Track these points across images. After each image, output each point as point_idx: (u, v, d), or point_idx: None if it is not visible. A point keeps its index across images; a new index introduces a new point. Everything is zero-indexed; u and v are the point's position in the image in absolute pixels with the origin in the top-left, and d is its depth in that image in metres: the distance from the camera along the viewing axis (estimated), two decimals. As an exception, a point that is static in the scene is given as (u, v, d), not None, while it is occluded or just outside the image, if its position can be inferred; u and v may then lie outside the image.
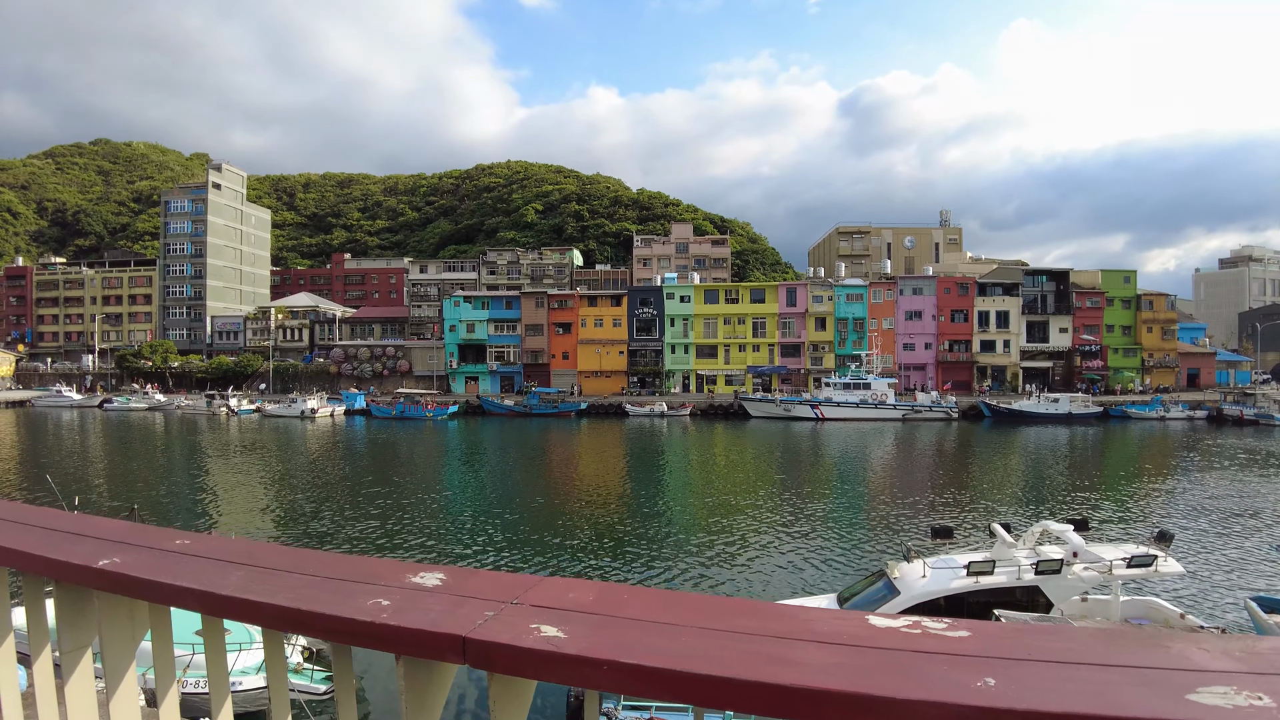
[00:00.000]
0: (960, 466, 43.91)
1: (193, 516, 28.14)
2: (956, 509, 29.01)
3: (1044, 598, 12.40)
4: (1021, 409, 72.03)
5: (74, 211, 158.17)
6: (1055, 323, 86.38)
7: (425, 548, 23.01)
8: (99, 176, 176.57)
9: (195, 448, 52.17)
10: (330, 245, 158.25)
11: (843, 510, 29.50)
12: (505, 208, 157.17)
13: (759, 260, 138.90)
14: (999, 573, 12.43)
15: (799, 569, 20.62)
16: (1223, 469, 41.07)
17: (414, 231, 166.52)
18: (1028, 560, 12.68)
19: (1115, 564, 12.38)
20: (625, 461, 46.46)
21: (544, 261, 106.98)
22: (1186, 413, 73.81)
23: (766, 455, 49.05)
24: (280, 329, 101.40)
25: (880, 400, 71.84)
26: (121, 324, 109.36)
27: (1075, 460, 47.76)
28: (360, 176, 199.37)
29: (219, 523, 26.90)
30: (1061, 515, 16.47)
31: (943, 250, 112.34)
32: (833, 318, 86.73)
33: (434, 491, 34.77)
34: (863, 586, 13.51)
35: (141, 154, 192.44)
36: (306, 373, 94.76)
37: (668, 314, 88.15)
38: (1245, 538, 24.24)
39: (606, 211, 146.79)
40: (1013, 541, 13.39)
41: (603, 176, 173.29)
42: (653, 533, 24.99)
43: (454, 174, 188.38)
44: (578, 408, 77.93)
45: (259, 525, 26.50)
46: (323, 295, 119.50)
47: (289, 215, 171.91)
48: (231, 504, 31.42)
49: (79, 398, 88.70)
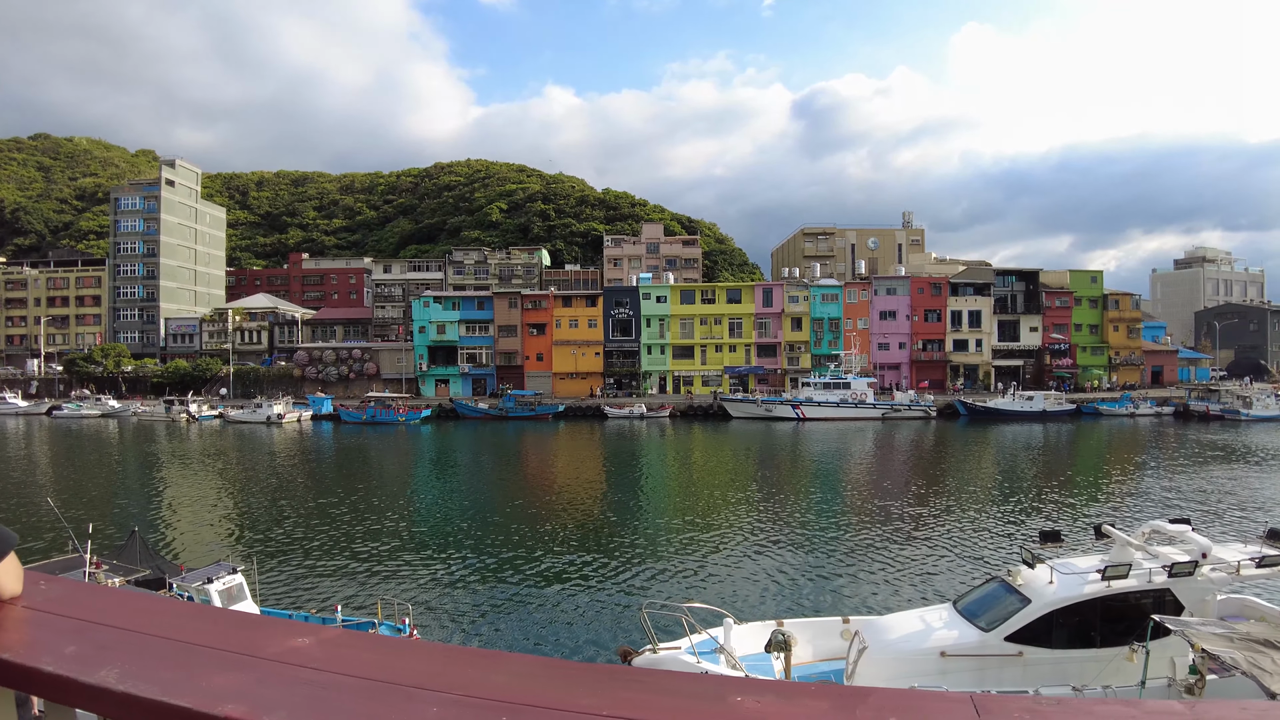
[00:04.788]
0: (964, 465, 43.66)
1: (158, 535, 26.22)
2: (992, 509, 28.46)
3: (1172, 600, 11.70)
4: (996, 407, 72.73)
5: (12, 209, 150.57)
6: (1026, 322, 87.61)
7: (425, 562, 21.54)
8: (39, 173, 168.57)
9: (154, 458, 49.39)
10: (286, 245, 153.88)
11: (879, 514, 28.70)
12: (468, 207, 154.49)
13: (727, 261, 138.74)
14: (1131, 576, 11.70)
15: (896, 581, 19.65)
16: (1214, 462, 41.48)
17: (373, 231, 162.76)
18: (1156, 563, 11.98)
19: (1243, 564, 11.72)
20: (615, 467, 45.23)
21: (513, 261, 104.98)
22: (1154, 409, 75.39)
23: (764, 458, 48.24)
24: (238, 331, 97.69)
25: (860, 400, 71.82)
26: (69, 326, 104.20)
27: (1072, 456, 48.05)
28: (315, 174, 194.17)
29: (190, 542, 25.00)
30: (1170, 515, 16.10)
31: (906, 251, 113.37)
32: (808, 318, 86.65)
33: (417, 502, 33.18)
34: (983, 595, 12.68)
35: (84, 150, 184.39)
36: (268, 376, 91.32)
37: (644, 314, 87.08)
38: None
39: (573, 211, 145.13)
40: (1139, 544, 12.67)
41: (566, 176, 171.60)
42: (694, 558, 23.83)
43: (412, 172, 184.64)
44: (555, 410, 76.37)
45: (244, 539, 24.64)
46: (280, 296, 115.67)
47: (242, 214, 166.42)
48: (202, 520, 29.40)
49: (25, 404, 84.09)
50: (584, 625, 16.62)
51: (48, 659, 1.16)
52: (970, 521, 26.50)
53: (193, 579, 14.81)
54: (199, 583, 14.45)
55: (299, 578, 20.36)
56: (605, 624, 16.66)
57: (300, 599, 18.44)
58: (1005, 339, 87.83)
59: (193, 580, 14.72)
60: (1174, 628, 10.41)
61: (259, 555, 21.27)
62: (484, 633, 16.28)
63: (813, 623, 13.78)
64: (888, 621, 12.75)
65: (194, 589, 14.29)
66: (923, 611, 13.20)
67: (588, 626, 16.54)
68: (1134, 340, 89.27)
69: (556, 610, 17.57)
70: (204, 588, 14.26)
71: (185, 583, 14.71)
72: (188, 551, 22.79)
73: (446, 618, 17.20)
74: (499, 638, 15.96)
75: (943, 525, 25.87)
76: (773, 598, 18.21)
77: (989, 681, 11.35)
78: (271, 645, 1.22)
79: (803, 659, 12.38)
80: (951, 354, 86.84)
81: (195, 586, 14.34)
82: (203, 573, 15.15)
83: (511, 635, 16.08)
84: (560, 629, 16.42)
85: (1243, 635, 10.23)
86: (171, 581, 15.16)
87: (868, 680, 11.19)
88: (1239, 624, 11.29)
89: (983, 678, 11.36)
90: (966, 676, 11.32)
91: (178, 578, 15.35)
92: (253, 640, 1.25)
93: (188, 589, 14.37)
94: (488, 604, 18.08)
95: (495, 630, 16.40)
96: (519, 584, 19.55)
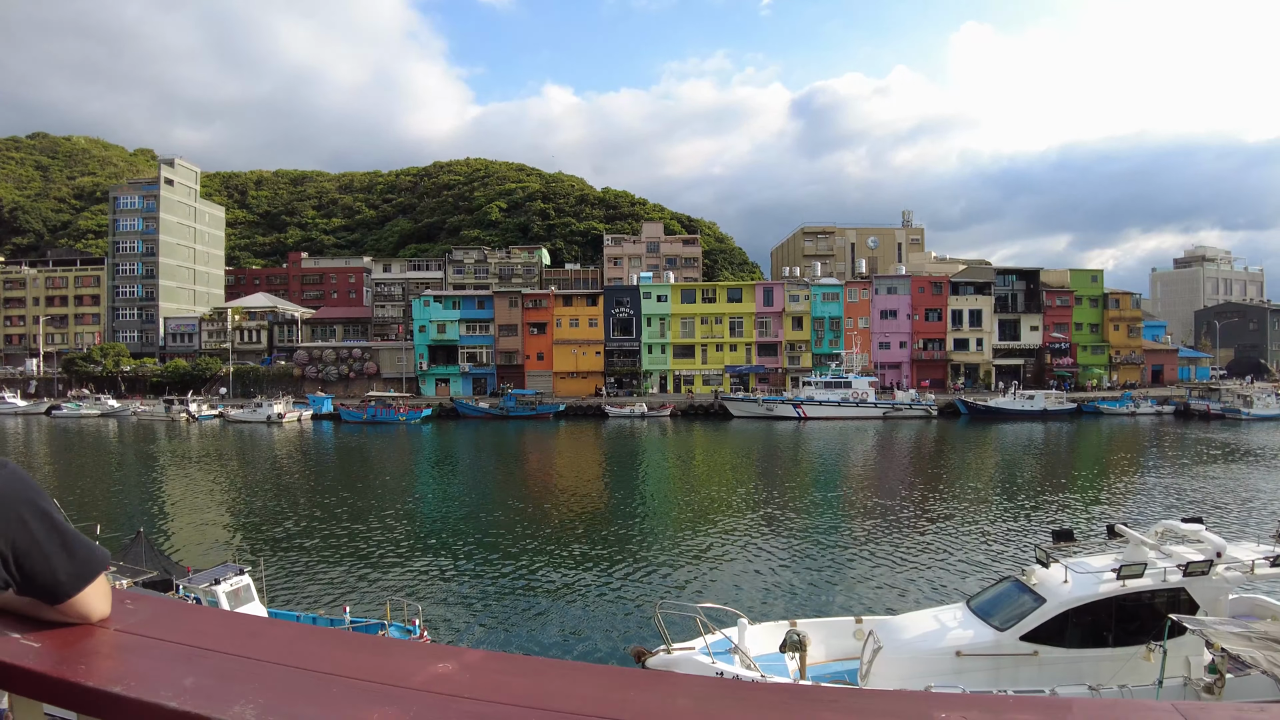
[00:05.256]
0: (967, 465, 43.61)
1: (161, 535, 26.11)
2: (998, 509, 28.41)
3: (1187, 599, 11.69)
4: (998, 406, 72.66)
5: (10, 208, 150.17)
6: (1026, 321, 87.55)
7: (430, 563, 21.45)
8: (37, 172, 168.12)
9: (155, 458, 49.26)
10: (285, 244, 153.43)
11: (885, 514, 28.64)
12: (467, 206, 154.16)
13: (727, 260, 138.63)
14: (1145, 575, 11.69)
15: (905, 581, 19.60)
16: (1216, 461, 41.45)
17: (372, 230, 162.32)
18: (1170, 562, 11.97)
19: (1258, 563, 11.69)
20: (617, 466, 45.15)
21: (513, 261, 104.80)
22: (1155, 408, 75.34)
23: (767, 458, 48.21)
24: (238, 330, 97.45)
25: (862, 399, 71.74)
26: (67, 326, 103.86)
27: (1074, 456, 48.04)
28: (314, 174, 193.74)
29: (205, 547, 24.89)
30: (1175, 514, 16.05)
31: (906, 250, 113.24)
32: (809, 317, 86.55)
33: (420, 501, 33.10)
34: (997, 594, 12.64)
35: (82, 149, 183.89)
36: (268, 376, 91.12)
37: (645, 314, 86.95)
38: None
39: (572, 210, 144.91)
40: (1153, 543, 12.64)
41: (565, 175, 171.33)
42: (703, 554, 23.74)
43: (411, 171, 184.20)
44: (556, 409, 76.23)
45: (248, 539, 24.54)
46: (279, 295, 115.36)
47: (241, 213, 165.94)
48: (205, 521, 29.30)
49: (24, 404, 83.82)
50: (594, 626, 16.53)
51: (167, 693, 1.00)
52: (976, 522, 26.45)
53: (200, 580, 14.66)
54: (206, 584, 14.30)
55: (303, 578, 20.27)
56: (616, 624, 16.57)
57: (306, 600, 18.34)
58: (1006, 338, 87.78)
59: (199, 581, 14.56)
60: (1192, 627, 10.37)
61: (263, 555, 21.18)
62: (496, 635, 16.17)
63: (825, 623, 13.72)
64: (901, 621, 12.72)
65: (201, 590, 14.16)
66: (936, 611, 13.16)
67: (597, 627, 16.45)
68: (1134, 339, 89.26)
69: (566, 611, 17.48)
70: (212, 589, 14.13)
71: (192, 584, 14.56)
72: (192, 552, 22.66)
73: (456, 620, 17.10)
74: (511, 640, 15.84)
75: (949, 525, 25.82)
76: (783, 598, 18.14)
77: (1004, 681, 11.31)
78: (415, 672, 1.11)
79: (816, 659, 12.33)
80: (952, 353, 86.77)
81: (203, 588, 14.20)
82: (210, 574, 15.00)
83: (523, 637, 15.97)
84: (570, 630, 16.33)
85: (1260, 634, 10.18)
86: (179, 583, 15.02)
87: (883, 680, 11.13)
88: (1255, 623, 11.25)
89: (998, 677, 11.32)
90: (982, 676, 11.27)
91: (184, 579, 15.19)
92: (392, 667, 1.13)
93: (195, 590, 14.24)
94: (496, 604, 17.99)
95: (506, 632, 16.30)
96: (526, 584, 19.47)
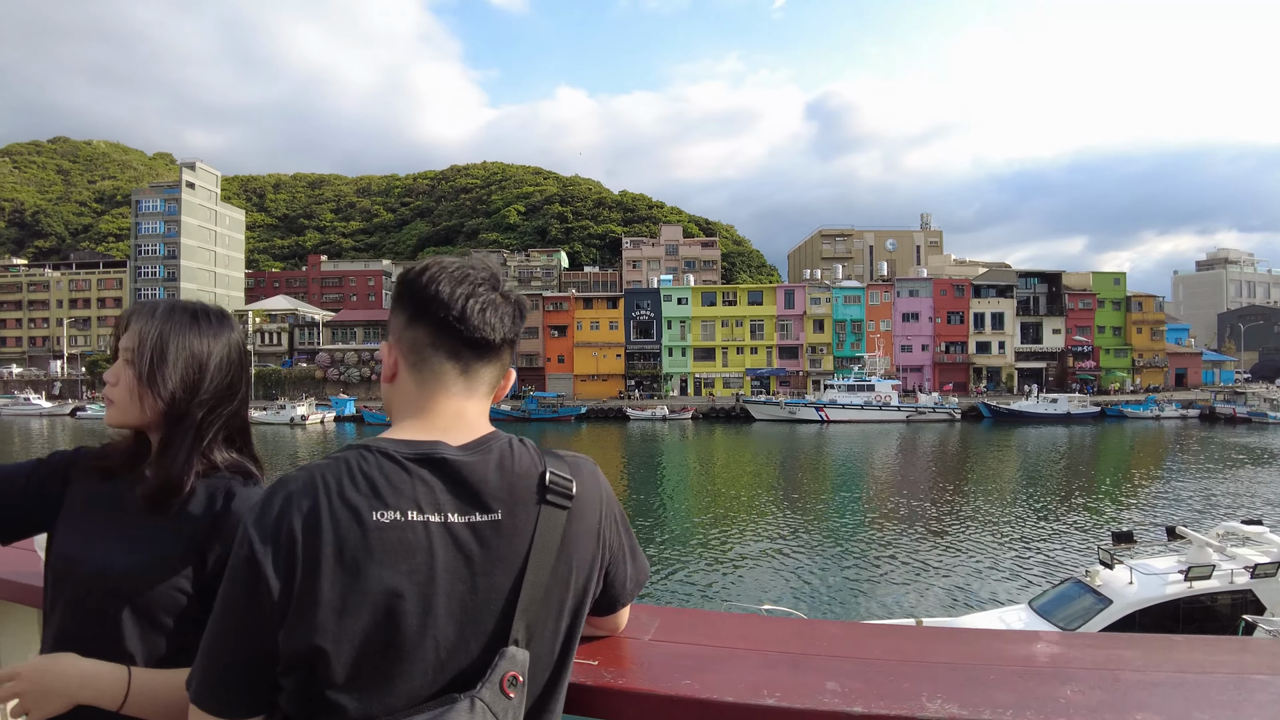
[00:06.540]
0: (996, 468, 43.26)
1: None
2: (1037, 512, 28.20)
3: (1254, 601, 11.65)
4: (1021, 409, 72.14)
5: (33, 212, 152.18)
6: (1049, 324, 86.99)
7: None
8: (58, 176, 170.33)
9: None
10: (303, 247, 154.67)
11: (924, 517, 28.48)
12: (485, 209, 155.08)
13: (745, 263, 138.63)
14: (1213, 577, 11.68)
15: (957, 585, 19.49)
16: (1247, 465, 40.97)
17: (389, 233, 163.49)
18: (1235, 564, 11.98)
19: None
20: (641, 468, 45.06)
21: (532, 263, 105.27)
22: (1180, 411, 74.61)
23: (793, 460, 48.02)
24: (259, 333, 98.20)
25: (885, 402, 71.43)
26: (90, 328, 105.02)
27: (1103, 459, 47.55)
28: (332, 177, 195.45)
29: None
30: (1241, 515, 16.01)
31: (925, 252, 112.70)
32: (831, 320, 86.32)
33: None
34: (1060, 594, 12.66)
35: (102, 153, 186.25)
36: (290, 378, 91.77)
37: (665, 316, 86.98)
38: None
39: (590, 213, 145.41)
40: (1217, 544, 12.61)
41: (582, 178, 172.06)
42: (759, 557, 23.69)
43: (429, 175, 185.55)
44: (577, 412, 76.36)
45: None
46: (299, 298, 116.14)
47: (260, 216, 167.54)
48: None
49: (49, 405, 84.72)
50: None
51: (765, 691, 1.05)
52: (1020, 524, 26.24)
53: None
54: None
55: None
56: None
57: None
58: (1028, 341, 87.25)
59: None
60: (1268, 628, 10.32)
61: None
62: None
63: (885, 625, 13.69)
64: (963, 623, 12.67)
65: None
66: (1000, 612, 13.16)
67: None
68: (1157, 342, 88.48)
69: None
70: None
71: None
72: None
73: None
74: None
75: (991, 528, 25.63)
76: (838, 599, 18.05)
77: None
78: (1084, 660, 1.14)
79: (882, 661, 12.30)
80: (974, 356, 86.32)
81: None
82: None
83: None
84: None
85: (1332, 636, 10.11)
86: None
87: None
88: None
89: None
90: None
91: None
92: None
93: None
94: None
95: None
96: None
